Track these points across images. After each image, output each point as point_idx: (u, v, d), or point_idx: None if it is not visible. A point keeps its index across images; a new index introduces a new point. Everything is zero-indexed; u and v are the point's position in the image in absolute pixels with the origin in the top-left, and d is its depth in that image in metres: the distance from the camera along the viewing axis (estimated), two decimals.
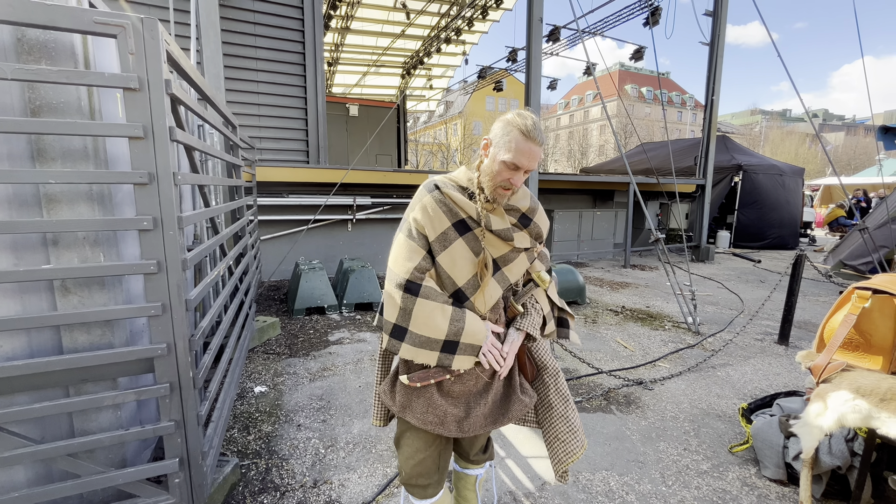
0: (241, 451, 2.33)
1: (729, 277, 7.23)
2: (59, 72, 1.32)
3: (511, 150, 1.18)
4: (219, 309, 2.14)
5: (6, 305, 1.48)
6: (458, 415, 1.28)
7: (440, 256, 1.24)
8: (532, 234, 1.36)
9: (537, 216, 1.38)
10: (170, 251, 1.51)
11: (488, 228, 1.25)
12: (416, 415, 1.27)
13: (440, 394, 1.28)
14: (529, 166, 1.20)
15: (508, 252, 1.31)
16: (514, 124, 1.18)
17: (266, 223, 6.06)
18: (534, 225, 1.36)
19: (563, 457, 1.33)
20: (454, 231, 1.25)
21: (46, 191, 1.48)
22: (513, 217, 1.32)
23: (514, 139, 1.18)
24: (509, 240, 1.28)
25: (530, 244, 1.35)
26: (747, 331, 4.36)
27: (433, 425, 1.26)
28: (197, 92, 2.34)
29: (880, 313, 1.56)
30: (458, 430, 1.28)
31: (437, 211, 1.25)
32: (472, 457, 1.55)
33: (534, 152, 1.18)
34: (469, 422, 1.28)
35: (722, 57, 8.17)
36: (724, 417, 2.74)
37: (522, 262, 1.35)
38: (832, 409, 1.58)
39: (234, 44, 5.81)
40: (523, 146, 1.17)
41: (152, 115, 1.43)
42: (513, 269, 1.32)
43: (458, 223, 1.25)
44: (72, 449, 1.48)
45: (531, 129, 1.17)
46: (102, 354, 1.48)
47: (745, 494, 2.06)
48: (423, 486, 1.38)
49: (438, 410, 1.26)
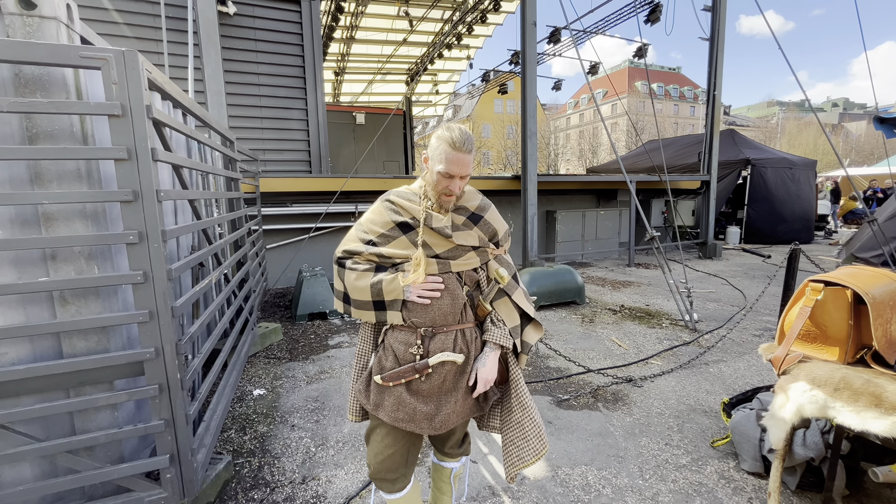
0: (237, 450, 2.46)
1: (735, 274, 7.14)
2: (49, 103, 1.46)
3: (443, 160, 1.29)
4: (211, 315, 2.28)
5: (11, 315, 1.63)
6: (428, 412, 1.36)
7: (384, 248, 1.38)
8: (484, 231, 1.43)
9: (488, 214, 1.45)
10: (155, 262, 1.63)
11: (428, 225, 1.36)
12: (387, 412, 1.35)
13: (409, 392, 1.36)
14: (461, 173, 1.30)
15: (453, 248, 1.38)
16: (443, 138, 1.29)
17: (271, 232, 6.25)
18: (484, 223, 1.43)
19: (516, 461, 1.41)
20: (398, 230, 1.39)
21: (44, 210, 1.62)
22: (462, 216, 1.41)
23: (444, 151, 1.29)
24: (448, 237, 1.36)
25: (479, 242, 1.41)
26: (745, 327, 4.33)
27: (403, 422, 1.34)
28: (189, 114, 2.49)
29: (833, 305, 1.59)
30: (430, 427, 1.36)
31: (384, 214, 1.39)
32: (446, 450, 1.61)
33: (463, 160, 1.28)
34: (439, 419, 1.36)
35: (722, 52, 8.09)
36: (711, 413, 2.76)
37: (471, 259, 1.41)
38: (792, 401, 1.62)
39: (236, 60, 6.03)
40: (452, 156, 1.28)
41: (135, 138, 1.56)
42: (459, 264, 1.39)
43: (401, 224, 1.38)
44: (71, 446, 1.62)
45: (457, 141, 1.27)
46: (96, 358, 1.62)
47: (720, 487, 2.09)
48: (392, 480, 1.46)
49: (408, 408, 1.34)
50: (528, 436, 1.41)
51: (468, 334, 1.40)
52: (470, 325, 1.42)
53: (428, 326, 1.35)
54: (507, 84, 15.63)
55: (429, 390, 1.36)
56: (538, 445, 1.40)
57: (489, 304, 1.45)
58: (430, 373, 1.34)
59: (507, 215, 8.54)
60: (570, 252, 8.60)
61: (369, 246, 1.39)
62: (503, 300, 1.46)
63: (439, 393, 1.38)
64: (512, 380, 1.48)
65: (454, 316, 1.37)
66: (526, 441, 1.40)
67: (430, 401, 1.37)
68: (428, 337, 1.35)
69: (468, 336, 1.40)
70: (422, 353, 1.34)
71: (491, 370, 1.39)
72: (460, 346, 1.38)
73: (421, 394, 1.37)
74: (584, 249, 8.76)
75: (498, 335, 1.41)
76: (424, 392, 1.37)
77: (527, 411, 1.43)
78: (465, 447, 1.64)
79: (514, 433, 1.43)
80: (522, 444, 1.41)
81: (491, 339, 1.41)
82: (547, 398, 3.00)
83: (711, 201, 8.77)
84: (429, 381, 1.36)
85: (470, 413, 1.44)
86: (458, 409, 1.39)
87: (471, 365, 1.40)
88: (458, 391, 1.38)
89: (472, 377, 1.39)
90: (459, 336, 1.38)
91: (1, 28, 1.54)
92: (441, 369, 1.35)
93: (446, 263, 1.38)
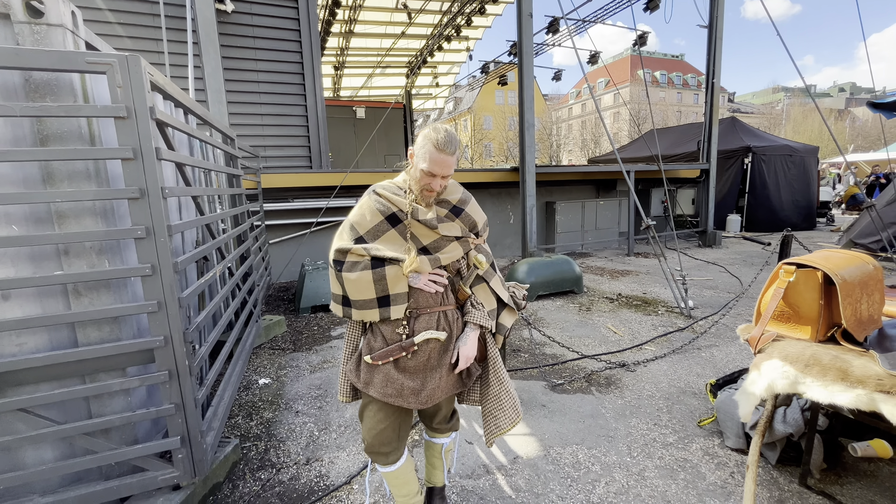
0: (244, 434, 2.58)
1: (734, 262, 7.19)
2: (58, 107, 1.55)
3: (426, 160, 1.38)
4: (216, 306, 2.38)
5: (29, 308, 1.74)
6: (415, 387, 1.46)
7: (373, 243, 1.44)
8: (465, 223, 1.54)
9: (469, 207, 1.56)
10: (162, 256, 1.73)
11: (414, 218, 1.45)
12: (377, 389, 1.45)
13: (397, 370, 1.46)
14: (443, 173, 1.40)
15: (438, 239, 1.49)
16: (429, 138, 1.38)
17: (274, 227, 6.35)
18: (465, 215, 1.54)
19: (493, 429, 1.55)
20: (387, 223, 1.46)
21: (57, 208, 1.72)
22: (444, 208, 1.51)
23: (428, 151, 1.38)
24: (433, 228, 1.46)
25: (461, 232, 1.52)
26: (739, 312, 4.40)
27: (392, 397, 1.44)
28: (190, 113, 2.58)
29: (805, 286, 1.67)
30: (417, 402, 1.46)
31: (372, 210, 1.47)
32: (434, 425, 1.72)
33: (445, 161, 1.38)
34: (425, 393, 1.46)
35: (721, 39, 8.06)
36: (700, 395, 2.85)
37: (454, 250, 1.51)
38: (764, 377, 1.70)
39: (235, 58, 6.10)
40: (436, 157, 1.37)
41: (140, 139, 1.65)
42: (445, 254, 1.49)
43: (390, 217, 1.46)
44: (89, 428, 1.73)
45: (442, 142, 1.36)
46: (109, 346, 1.73)
47: (704, 462, 2.19)
48: (385, 453, 1.57)
49: (396, 384, 1.44)
50: (504, 407, 1.54)
51: (450, 315, 1.52)
52: (451, 307, 1.53)
53: (413, 308, 1.46)
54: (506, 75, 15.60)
55: (415, 367, 1.47)
56: (513, 415, 1.54)
57: (468, 289, 1.56)
58: (415, 350, 1.45)
59: (506, 207, 8.61)
60: (570, 242, 8.66)
61: (362, 243, 1.45)
62: (482, 286, 1.58)
63: (424, 369, 1.48)
64: (490, 358, 1.60)
65: (437, 299, 1.49)
66: (503, 412, 1.54)
67: (416, 377, 1.48)
68: (413, 318, 1.46)
69: (450, 317, 1.52)
70: (407, 333, 1.45)
71: (471, 347, 1.50)
72: (443, 325, 1.49)
73: (407, 371, 1.47)
74: (583, 240, 8.81)
75: (478, 316, 1.52)
76: (411, 369, 1.47)
77: (503, 385, 1.56)
78: (453, 423, 1.74)
79: (492, 405, 1.57)
80: (499, 415, 1.55)
81: (471, 319, 1.52)
82: (542, 383, 3.10)
83: (711, 190, 8.78)
84: (414, 358, 1.47)
85: (454, 388, 1.55)
86: (443, 385, 1.49)
87: (453, 344, 1.51)
88: (441, 367, 1.49)
89: (454, 355, 1.50)
90: (442, 317, 1.50)
91: (10, 36, 1.63)
92: (426, 347, 1.47)
93: (435, 258, 1.47)
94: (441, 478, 1.83)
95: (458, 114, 46.39)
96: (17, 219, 1.68)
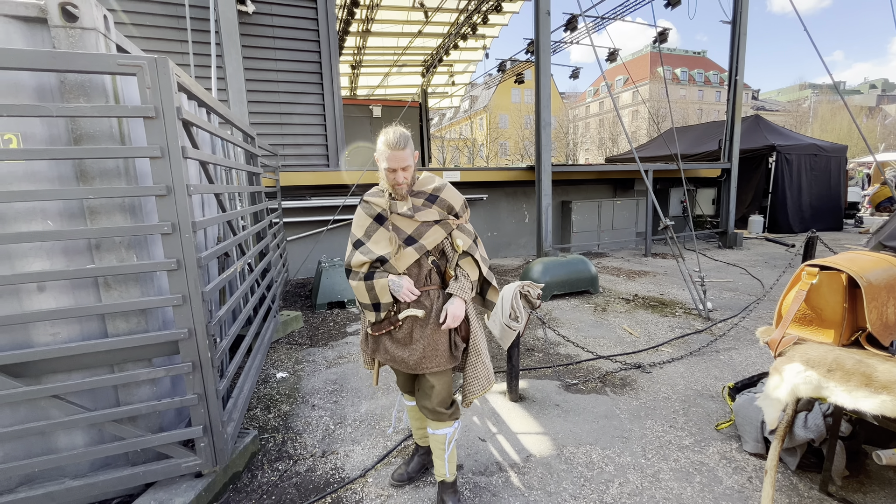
0: (262, 426, 2.64)
1: (756, 263, 7.02)
2: (91, 107, 1.62)
3: (384, 158, 1.65)
4: (236, 301, 2.45)
5: (63, 299, 1.82)
6: (404, 356, 1.75)
7: (368, 244, 1.75)
8: (442, 207, 1.76)
9: (444, 193, 1.78)
10: (187, 251, 1.79)
11: (394, 212, 1.75)
12: (380, 356, 1.84)
13: (391, 342, 1.79)
14: (401, 166, 1.64)
15: (418, 226, 1.74)
16: (383, 140, 1.65)
17: (292, 224, 6.46)
18: (440, 200, 1.76)
19: (467, 394, 1.83)
20: (375, 223, 1.76)
21: (89, 204, 1.80)
22: (421, 198, 1.76)
23: (382, 150, 1.65)
24: (410, 217, 1.73)
25: (439, 216, 1.75)
26: (760, 315, 4.30)
27: (390, 362, 1.83)
28: (213, 112, 2.65)
29: (829, 289, 1.63)
30: (408, 367, 1.76)
31: (362, 215, 1.79)
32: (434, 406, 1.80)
33: (398, 156, 1.63)
34: (414, 360, 1.73)
35: (745, 35, 7.86)
36: (718, 398, 2.80)
37: (436, 233, 1.75)
38: (786, 381, 1.67)
39: (255, 58, 6.22)
40: (389, 154, 1.64)
41: (167, 138, 1.71)
42: (428, 239, 1.73)
43: (376, 217, 1.76)
44: (118, 415, 1.80)
45: (391, 140, 1.62)
46: (137, 338, 1.80)
47: (721, 466, 2.15)
48: (407, 391, 2.04)
49: (390, 353, 1.79)
50: (478, 375, 1.82)
51: (432, 294, 1.76)
52: (434, 287, 1.77)
53: None
54: (523, 73, 15.49)
55: (402, 338, 1.76)
56: (485, 383, 1.83)
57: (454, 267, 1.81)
58: (400, 325, 1.75)
59: (521, 206, 8.57)
60: (586, 242, 8.58)
61: (360, 247, 1.74)
62: (467, 259, 1.81)
63: (410, 341, 1.75)
64: (472, 333, 1.83)
65: (420, 282, 1.75)
66: (477, 380, 1.82)
67: (405, 348, 1.76)
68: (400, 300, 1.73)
69: (432, 296, 1.76)
70: (395, 311, 1.74)
71: (458, 308, 1.73)
72: (425, 304, 1.73)
73: (398, 342, 1.77)
74: (599, 239, 8.72)
75: (456, 288, 1.76)
76: (400, 340, 1.77)
77: (480, 357, 1.83)
78: (452, 410, 1.87)
79: (468, 373, 1.84)
80: (472, 382, 1.82)
81: (453, 291, 1.75)
82: (556, 383, 3.09)
83: (732, 190, 8.57)
84: (400, 330, 1.76)
85: (446, 362, 1.75)
86: (430, 354, 1.73)
87: (431, 318, 1.73)
88: (423, 339, 1.73)
89: (443, 315, 1.72)
90: (425, 296, 1.74)
91: (47, 39, 1.71)
92: (408, 322, 1.74)
93: (420, 246, 1.72)
94: (444, 471, 1.89)
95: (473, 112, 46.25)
96: (52, 214, 1.76)
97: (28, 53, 1.52)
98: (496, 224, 8.37)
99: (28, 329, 1.78)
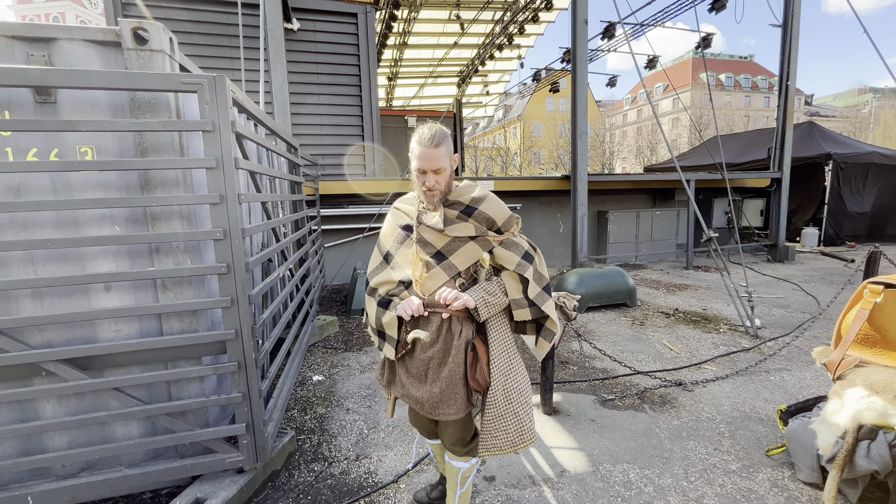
0: (299, 427, 2.72)
1: (810, 279, 6.59)
2: (158, 122, 1.76)
3: (414, 157, 1.42)
4: (278, 306, 2.55)
5: (125, 299, 1.96)
6: (419, 397, 1.54)
7: (396, 256, 1.57)
8: (480, 221, 1.48)
9: (483, 205, 1.48)
10: (236, 256, 1.90)
11: (422, 223, 1.50)
12: (396, 390, 1.65)
13: (405, 374, 1.59)
14: (431, 167, 1.39)
15: (449, 242, 1.47)
16: (415, 136, 1.41)
17: (329, 232, 6.67)
18: (479, 213, 1.47)
19: (481, 450, 1.48)
20: (404, 232, 1.57)
21: (151, 211, 1.94)
22: (456, 210, 1.48)
23: (414, 149, 1.42)
24: (440, 230, 1.46)
25: (476, 231, 1.47)
26: (816, 334, 4.02)
27: (403, 398, 1.62)
28: (261, 124, 2.80)
29: (895, 308, 1.52)
30: (422, 410, 1.56)
31: (391, 224, 1.64)
32: (449, 446, 1.64)
33: (430, 155, 1.38)
34: (428, 405, 1.52)
35: (797, 38, 7.48)
36: (768, 422, 2.64)
37: (471, 250, 1.47)
38: (848, 407, 1.57)
39: (298, 72, 6.51)
40: (420, 152, 1.40)
41: (222, 150, 1.83)
42: (459, 257, 1.47)
43: (405, 227, 1.57)
44: (170, 409, 1.92)
45: (423, 137, 1.38)
46: (190, 337, 1.91)
47: (772, 495, 2.02)
48: (424, 430, 1.83)
49: (404, 388, 1.59)
50: (505, 429, 1.44)
51: (454, 327, 1.49)
52: (456, 313, 1.47)
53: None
54: (558, 82, 15.36)
55: (417, 373, 1.55)
56: (515, 439, 1.44)
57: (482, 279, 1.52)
58: (409, 346, 1.52)
59: (555, 215, 8.46)
60: (623, 253, 8.34)
61: (388, 261, 1.58)
62: (509, 273, 1.49)
63: (425, 379, 1.53)
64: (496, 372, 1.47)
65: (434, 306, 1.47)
66: (497, 434, 1.45)
67: (420, 385, 1.54)
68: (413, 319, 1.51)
69: (453, 329, 1.49)
70: (407, 330, 1.52)
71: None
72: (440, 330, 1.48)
73: (413, 377, 1.56)
74: (638, 251, 8.45)
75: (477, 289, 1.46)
76: (414, 374, 1.56)
77: (510, 406, 1.45)
78: (471, 447, 1.65)
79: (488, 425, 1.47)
80: (494, 435, 1.45)
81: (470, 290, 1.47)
82: (591, 397, 3.01)
83: (783, 200, 8.11)
84: (414, 365, 1.54)
85: (464, 409, 1.51)
86: (448, 399, 1.48)
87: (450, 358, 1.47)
88: (438, 382, 1.48)
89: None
90: (444, 324, 1.48)
91: (121, 61, 1.87)
92: (423, 355, 1.50)
93: (449, 264, 1.46)
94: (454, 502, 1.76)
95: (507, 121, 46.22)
96: (119, 220, 1.92)
97: (107, 74, 1.67)
98: (530, 234, 8.29)
99: (95, 326, 1.93)
